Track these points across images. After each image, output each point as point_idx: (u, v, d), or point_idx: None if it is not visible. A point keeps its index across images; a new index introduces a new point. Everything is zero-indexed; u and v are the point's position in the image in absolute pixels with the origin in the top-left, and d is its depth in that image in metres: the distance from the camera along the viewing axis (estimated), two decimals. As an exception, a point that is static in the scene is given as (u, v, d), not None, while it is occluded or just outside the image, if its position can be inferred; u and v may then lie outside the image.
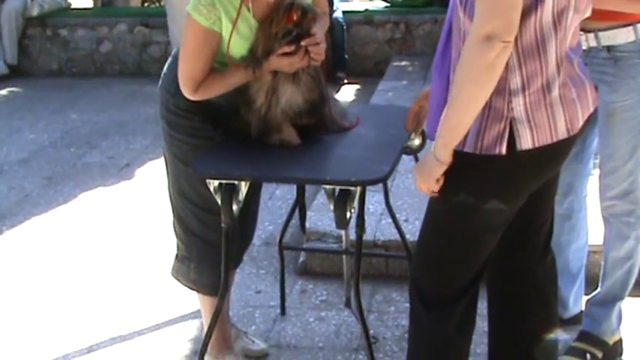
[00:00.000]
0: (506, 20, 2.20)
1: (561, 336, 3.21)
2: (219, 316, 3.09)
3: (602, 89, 3.09)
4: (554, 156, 2.49)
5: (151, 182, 5.63)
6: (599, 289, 3.36)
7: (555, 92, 2.37)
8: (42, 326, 3.87)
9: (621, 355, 3.42)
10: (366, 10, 8.76)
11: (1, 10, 8.80)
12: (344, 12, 8.33)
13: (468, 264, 2.58)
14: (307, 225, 4.24)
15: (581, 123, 2.46)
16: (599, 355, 3.35)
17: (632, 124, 3.12)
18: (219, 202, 2.83)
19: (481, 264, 2.58)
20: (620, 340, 3.42)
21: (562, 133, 2.41)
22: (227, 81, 2.96)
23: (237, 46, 2.92)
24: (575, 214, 3.42)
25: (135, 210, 5.17)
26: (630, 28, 3.02)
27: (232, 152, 2.95)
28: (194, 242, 3.19)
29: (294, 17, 2.87)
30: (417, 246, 2.69)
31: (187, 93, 2.94)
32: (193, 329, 3.78)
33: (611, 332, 3.37)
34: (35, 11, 8.92)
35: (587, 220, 3.49)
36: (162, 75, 3.15)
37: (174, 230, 3.26)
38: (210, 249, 3.13)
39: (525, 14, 2.25)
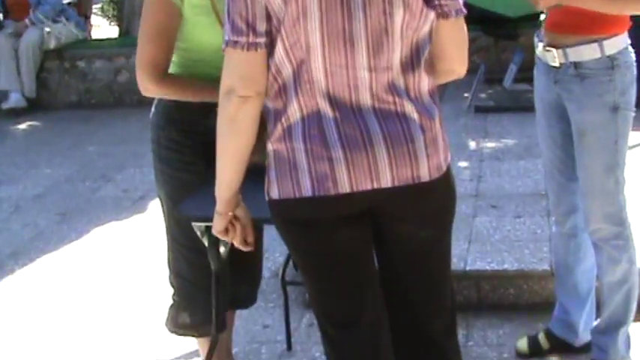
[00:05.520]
0: (239, 75, 2.20)
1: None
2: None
3: (570, 108, 3.01)
4: (311, 215, 2.31)
5: (163, 215, 5.58)
6: (600, 318, 3.28)
7: (299, 145, 2.23)
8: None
9: (632, 382, 3.34)
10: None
11: (19, 44, 8.83)
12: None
13: (337, 296, 2.46)
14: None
15: (346, 188, 2.22)
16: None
17: (604, 143, 3.01)
18: (206, 245, 2.78)
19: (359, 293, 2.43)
20: (631, 367, 3.34)
21: (306, 192, 2.24)
22: (199, 93, 2.84)
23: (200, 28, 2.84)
24: (580, 232, 3.30)
25: (146, 245, 5.13)
26: (596, 44, 2.95)
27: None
28: (183, 285, 3.12)
29: None
30: None
31: (146, 80, 2.80)
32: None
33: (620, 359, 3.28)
34: (52, 44, 8.92)
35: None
36: (152, 112, 3.07)
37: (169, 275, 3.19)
38: (200, 293, 3.03)
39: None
